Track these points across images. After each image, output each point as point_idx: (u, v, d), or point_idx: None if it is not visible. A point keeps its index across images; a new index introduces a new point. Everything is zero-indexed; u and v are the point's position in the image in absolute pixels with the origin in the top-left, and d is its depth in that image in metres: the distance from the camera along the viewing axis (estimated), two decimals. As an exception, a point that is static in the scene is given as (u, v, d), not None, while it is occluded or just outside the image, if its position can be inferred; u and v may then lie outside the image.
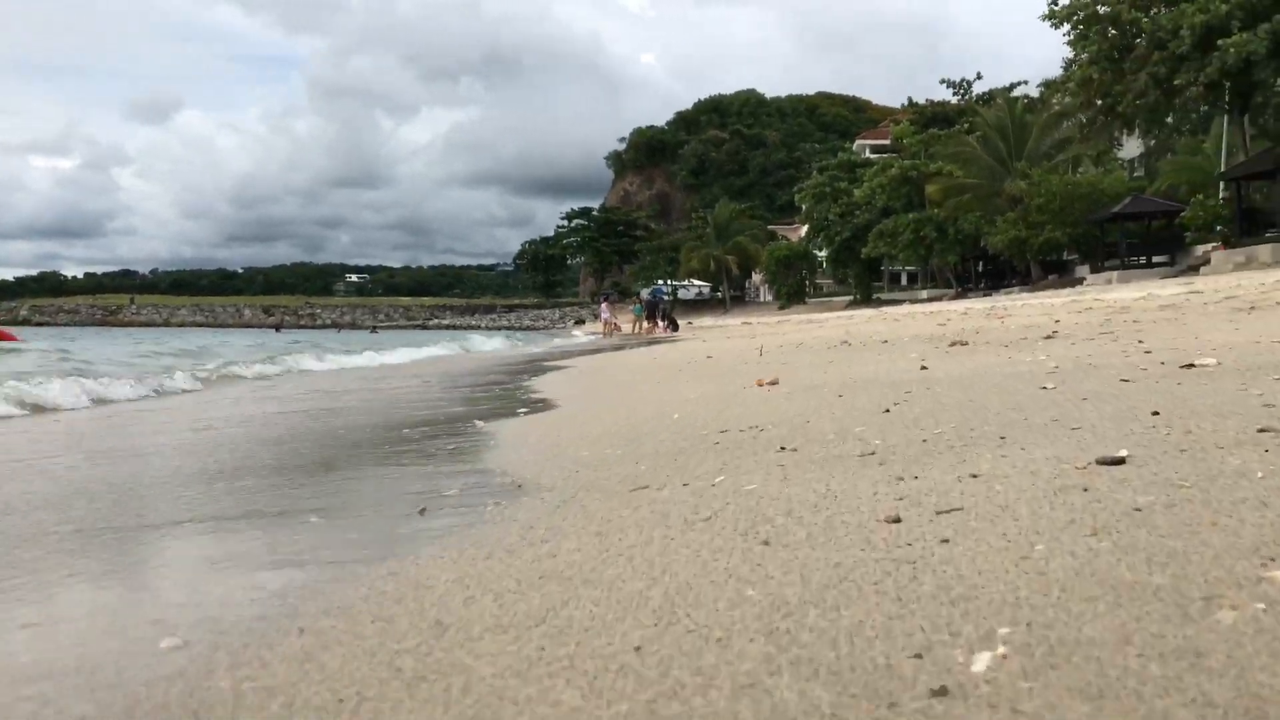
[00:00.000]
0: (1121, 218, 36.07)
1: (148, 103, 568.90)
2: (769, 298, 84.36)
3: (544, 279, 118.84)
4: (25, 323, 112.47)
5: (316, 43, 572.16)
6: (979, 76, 62.90)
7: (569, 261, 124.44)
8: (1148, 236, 36.99)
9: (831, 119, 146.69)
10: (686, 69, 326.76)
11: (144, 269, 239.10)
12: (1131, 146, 54.85)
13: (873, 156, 71.12)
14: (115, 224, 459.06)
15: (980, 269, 63.85)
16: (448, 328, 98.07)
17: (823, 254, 73.43)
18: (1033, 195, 41.24)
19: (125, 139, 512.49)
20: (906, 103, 66.92)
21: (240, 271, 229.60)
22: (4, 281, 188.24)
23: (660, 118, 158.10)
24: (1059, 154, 44.98)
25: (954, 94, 63.80)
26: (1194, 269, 31.03)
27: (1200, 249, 33.92)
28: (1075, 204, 39.66)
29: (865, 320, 20.16)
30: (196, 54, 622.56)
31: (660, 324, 43.87)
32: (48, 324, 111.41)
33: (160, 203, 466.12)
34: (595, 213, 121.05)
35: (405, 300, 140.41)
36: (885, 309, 36.03)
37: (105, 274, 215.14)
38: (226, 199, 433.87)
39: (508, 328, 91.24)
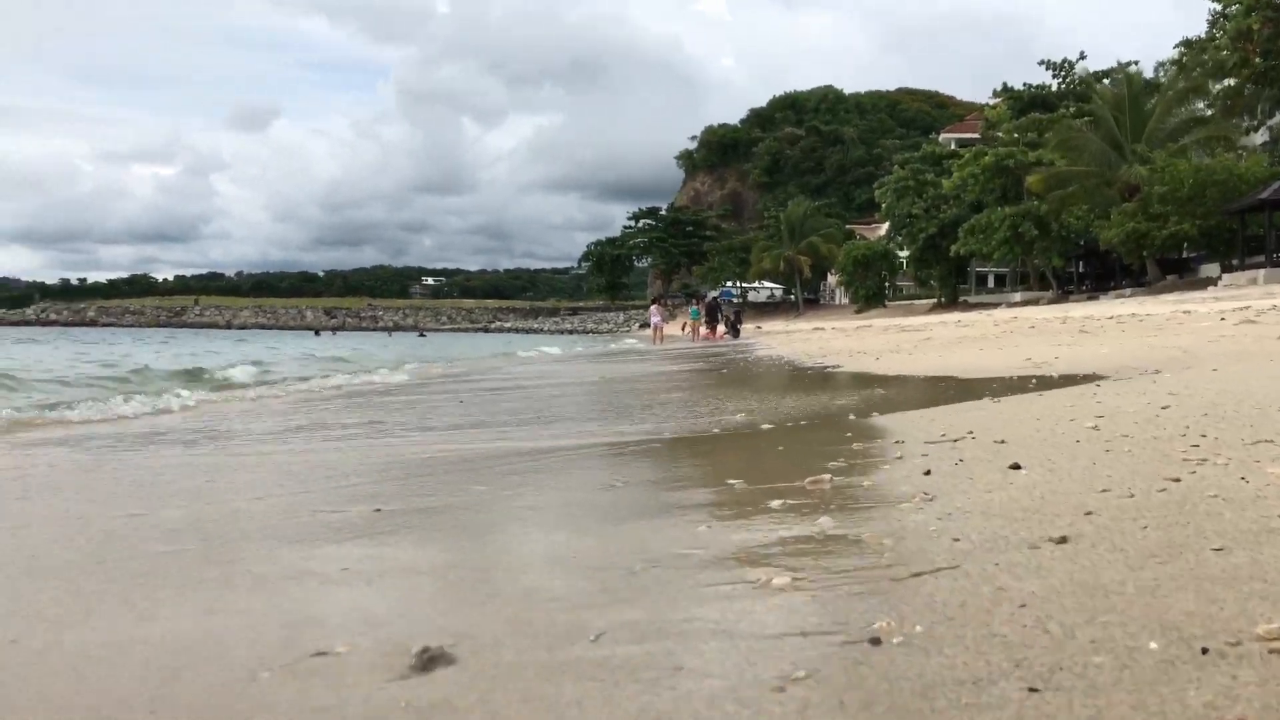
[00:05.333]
0: (1270, 205, 30.24)
1: (246, 111, 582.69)
2: (844, 300, 79.16)
3: (608, 281, 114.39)
4: (92, 323, 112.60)
5: (405, 51, 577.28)
6: (1083, 56, 56.65)
7: (636, 263, 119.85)
8: (1302, 228, 31.13)
9: (913, 115, 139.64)
10: (765, 70, 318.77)
11: (231, 271, 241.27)
12: (1254, 136, 48.48)
13: (960, 150, 65.26)
14: (210, 228, 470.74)
15: (1081, 269, 58.14)
16: (510, 331, 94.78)
17: (904, 253, 68.01)
18: (1154, 183, 35.61)
19: (223, 146, 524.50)
20: (1000, 88, 60.77)
21: (321, 275, 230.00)
22: (98, 284, 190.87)
23: (738, 118, 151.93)
24: (1185, 136, 39.03)
25: (1054, 76, 57.70)
26: (1375, 265, 25.25)
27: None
28: (1207, 192, 33.91)
29: (1138, 328, 12.24)
30: (286, 63, 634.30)
31: (720, 329, 38.95)
32: (113, 325, 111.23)
33: (252, 207, 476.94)
34: (663, 212, 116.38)
35: (468, 303, 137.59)
36: (994, 313, 30.76)
37: (193, 276, 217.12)
38: (315, 204, 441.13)
39: (569, 331, 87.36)
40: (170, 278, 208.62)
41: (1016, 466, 2.92)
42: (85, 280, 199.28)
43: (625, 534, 2.50)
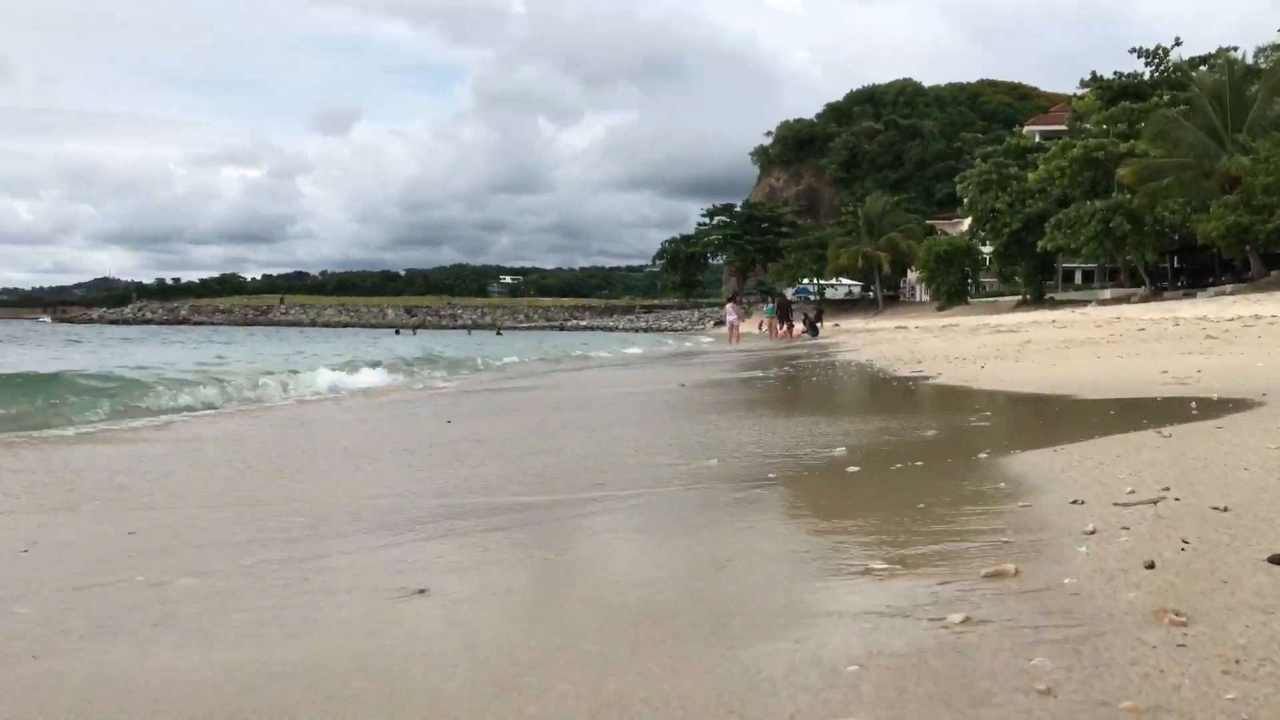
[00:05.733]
0: (1393, 196, 28.29)
1: (329, 114, 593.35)
2: (925, 297, 77.19)
3: (683, 278, 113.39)
4: (184, 322, 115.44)
5: (482, 53, 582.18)
6: (1178, 42, 54.14)
7: (710, 260, 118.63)
8: None
9: (995, 107, 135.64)
10: (841, 64, 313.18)
11: (316, 271, 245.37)
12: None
13: (1045, 143, 63.08)
14: (295, 229, 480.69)
15: (1176, 264, 56.01)
16: (585, 329, 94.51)
17: (987, 249, 66.00)
18: (1258, 174, 33.73)
19: (307, 149, 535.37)
20: (1089, 78, 58.47)
21: (402, 274, 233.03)
22: (190, 283, 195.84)
23: (814, 112, 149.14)
24: (1293, 123, 36.92)
25: (1147, 64, 55.33)
26: None
27: None
28: (1319, 182, 32.00)
29: None
30: (368, 67, 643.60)
31: (795, 327, 37.95)
32: (204, 323, 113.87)
33: (334, 208, 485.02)
34: (738, 209, 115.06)
35: (545, 301, 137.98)
36: (1089, 311, 29.33)
37: (279, 275, 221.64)
38: (395, 204, 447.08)
39: (644, 329, 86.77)
40: (258, 277, 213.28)
41: (1280, 560, 2.12)
42: (179, 280, 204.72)
43: (750, 676, 1.76)
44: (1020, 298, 58.99)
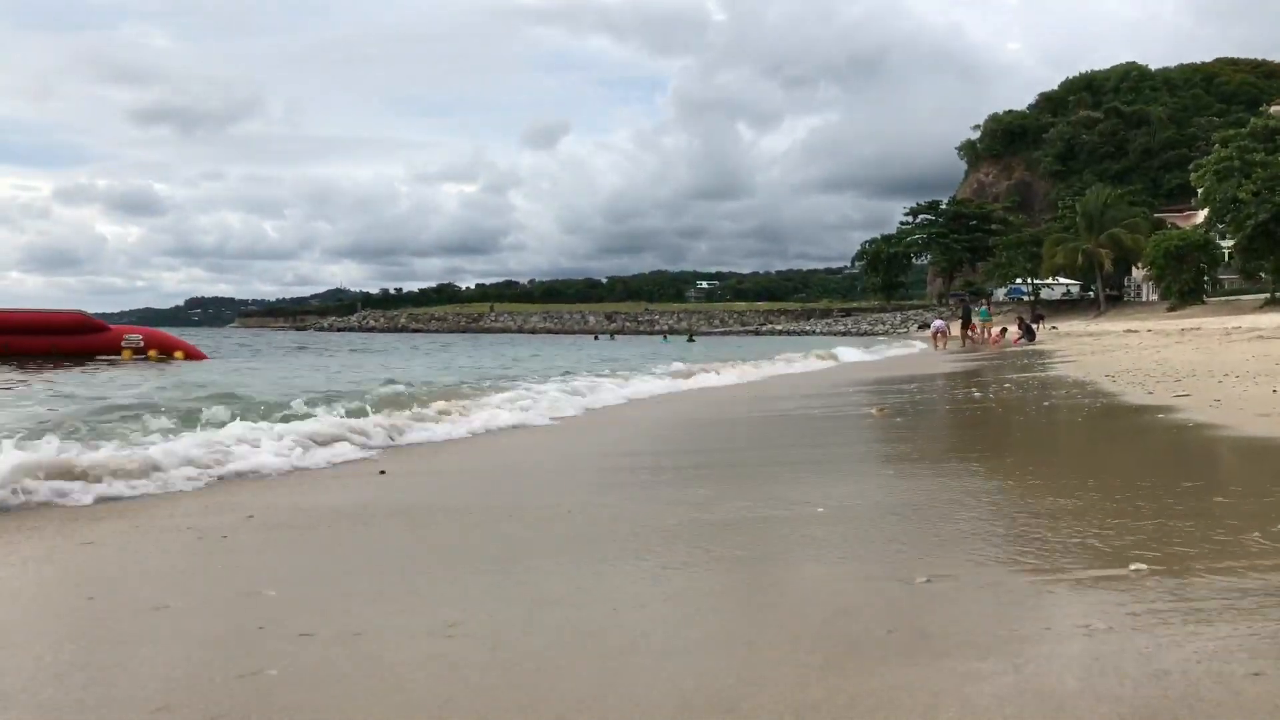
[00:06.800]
0: None
1: (539, 129, 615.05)
2: (1153, 297, 71.67)
3: (884, 280, 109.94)
4: (403, 329, 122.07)
5: (683, 61, 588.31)
6: None
7: (914, 261, 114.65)
8: None
9: (1235, 87, 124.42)
10: (1055, 51, 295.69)
11: (525, 279, 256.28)
12: None
13: (1296, 122, 57.13)
14: (508, 240, 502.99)
15: None
16: (781, 334, 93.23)
17: (1226, 243, 60.59)
18: None
19: (519, 163, 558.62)
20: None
21: (604, 281, 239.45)
22: (410, 293, 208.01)
23: (1025, 104, 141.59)
24: None
25: None
26: None
27: None
28: None
29: None
30: (575, 81, 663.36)
31: (1005, 332, 35.72)
32: (420, 330, 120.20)
33: (543, 219, 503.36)
34: (944, 206, 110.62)
35: (740, 305, 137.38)
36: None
37: (491, 284, 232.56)
38: (600, 214, 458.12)
39: (842, 333, 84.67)
40: (472, 286, 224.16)
41: None
42: (401, 290, 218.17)
43: None
44: (1268, 296, 53.76)
